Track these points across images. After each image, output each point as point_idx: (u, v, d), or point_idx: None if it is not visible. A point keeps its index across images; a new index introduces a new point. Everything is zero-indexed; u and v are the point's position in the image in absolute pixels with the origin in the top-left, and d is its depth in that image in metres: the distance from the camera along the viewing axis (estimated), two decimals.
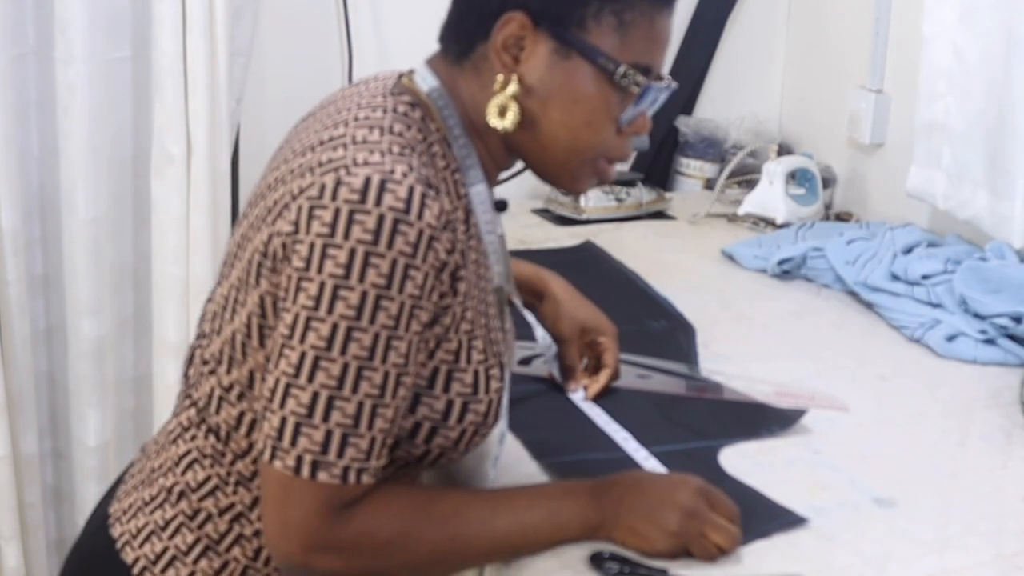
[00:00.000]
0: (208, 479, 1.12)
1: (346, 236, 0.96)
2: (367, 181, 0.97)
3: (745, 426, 1.33)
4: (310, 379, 0.98)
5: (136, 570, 1.13)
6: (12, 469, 2.03)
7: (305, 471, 0.98)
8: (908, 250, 1.81)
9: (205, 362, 1.12)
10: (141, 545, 1.14)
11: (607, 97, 1.08)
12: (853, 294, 1.78)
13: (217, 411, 1.11)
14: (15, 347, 2.01)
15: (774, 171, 2.11)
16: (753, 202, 2.13)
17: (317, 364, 0.98)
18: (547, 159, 1.12)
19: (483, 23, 1.08)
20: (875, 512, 1.17)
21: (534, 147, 1.11)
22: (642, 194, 2.20)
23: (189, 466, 1.13)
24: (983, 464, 1.28)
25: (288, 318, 0.99)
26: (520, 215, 2.20)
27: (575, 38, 1.06)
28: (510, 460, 1.23)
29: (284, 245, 1.00)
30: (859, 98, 2.17)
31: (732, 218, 2.17)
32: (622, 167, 2.36)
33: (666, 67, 1.15)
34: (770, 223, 2.11)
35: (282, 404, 0.98)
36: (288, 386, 0.98)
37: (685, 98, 2.42)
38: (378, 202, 0.97)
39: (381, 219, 0.96)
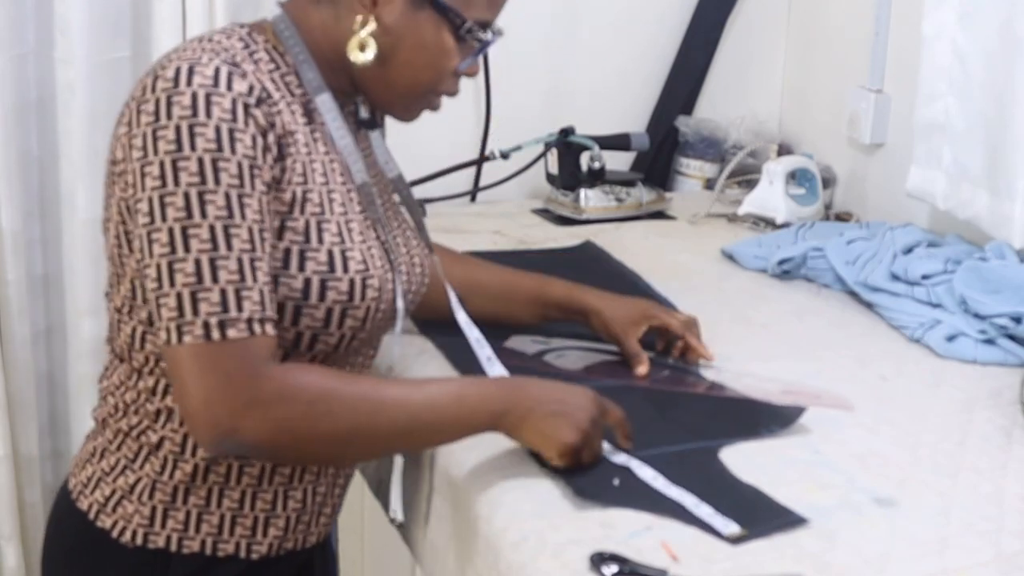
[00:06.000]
0: (118, 404, 1.23)
1: (168, 116, 1.08)
2: (177, 70, 1.10)
3: (745, 426, 1.33)
4: (186, 248, 1.07)
5: (74, 495, 1.26)
6: (12, 469, 2.03)
7: (215, 333, 1.06)
8: (908, 250, 1.81)
9: (117, 309, 1.21)
10: (78, 474, 1.26)
11: (450, 47, 1.21)
12: (853, 294, 1.78)
13: (119, 333, 1.22)
14: (15, 347, 2.01)
15: (774, 171, 2.11)
16: (753, 202, 2.13)
17: (186, 233, 1.07)
18: (387, 92, 1.25)
19: None
20: (875, 512, 1.17)
21: (377, 80, 1.23)
22: (642, 194, 2.20)
23: (103, 399, 1.26)
24: (983, 464, 1.28)
25: (143, 206, 1.08)
26: (520, 215, 2.19)
27: None
28: (511, 459, 1.23)
29: (123, 145, 1.12)
30: (859, 98, 2.17)
31: (732, 218, 2.17)
32: (622, 167, 2.36)
33: (499, 19, 1.28)
34: (770, 223, 2.11)
35: (172, 282, 1.07)
36: (171, 264, 1.07)
37: (685, 98, 2.42)
38: (189, 82, 1.09)
39: (195, 95, 1.08)
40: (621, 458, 1.22)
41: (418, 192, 2.13)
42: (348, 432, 1.12)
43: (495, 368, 1.36)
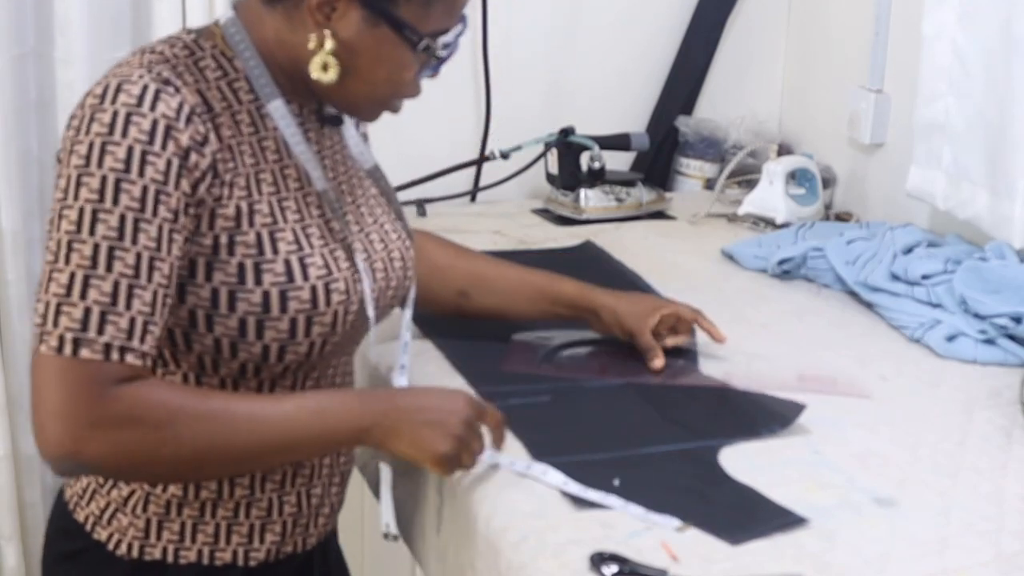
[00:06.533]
0: None
1: (87, 132, 1.07)
2: (106, 87, 1.09)
3: (745, 426, 1.33)
4: (67, 261, 1.05)
5: (71, 506, 1.25)
6: (12, 469, 2.03)
7: (67, 349, 1.04)
8: (908, 250, 1.81)
9: None
10: (73, 485, 1.25)
11: (407, 60, 1.18)
12: (853, 294, 1.78)
13: None
14: (15, 347, 2.01)
15: (774, 171, 2.11)
16: (753, 202, 2.13)
17: (71, 247, 1.05)
18: (346, 102, 1.22)
19: None
20: (875, 512, 1.17)
21: (336, 92, 1.19)
22: (642, 194, 2.20)
23: None
24: (983, 464, 1.28)
25: (49, 216, 1.08)
26: (520, 215, 2.20)
27: (384, 10, 1.14)
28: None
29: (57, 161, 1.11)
30: (859, 98, 2.17)
31: (732, 218, 2.17)
32: (622, 167, 2.36)
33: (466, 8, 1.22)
34: (770, 223, 2.11)
35: (46, 290, 1.06)
36: (51, 272, 1.06)
37: (685, 98, 2.42)
38: (114, 100, 1.07)
39: (115, 114, 1.07)
40: (498, 458, 1.22)
41: (418, 192, 2.14)
42: (195, 455, 1.08)
43: (400, 379, 1.33)
